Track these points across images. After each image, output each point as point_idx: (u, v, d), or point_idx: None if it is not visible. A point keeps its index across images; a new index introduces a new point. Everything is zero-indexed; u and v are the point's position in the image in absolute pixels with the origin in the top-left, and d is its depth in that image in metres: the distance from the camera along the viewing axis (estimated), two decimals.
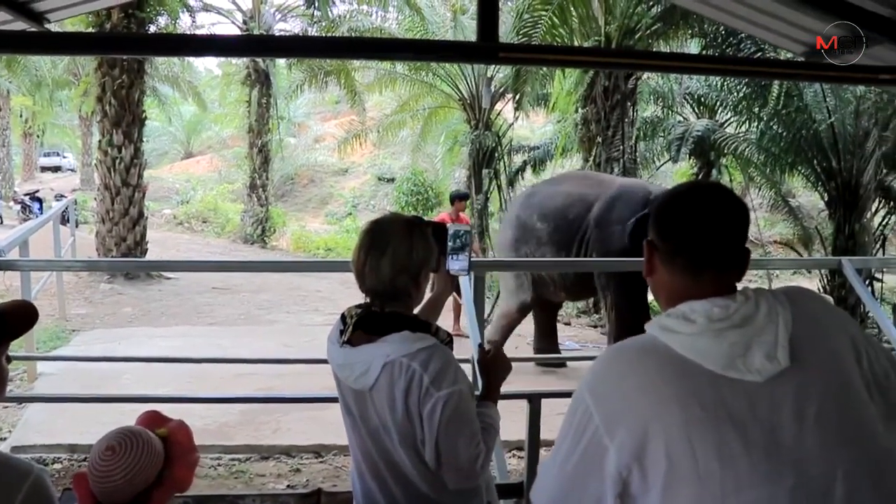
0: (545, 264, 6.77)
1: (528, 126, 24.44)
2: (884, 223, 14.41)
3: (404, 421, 1.72)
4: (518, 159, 19.81)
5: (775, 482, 1.08)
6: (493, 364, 1.99)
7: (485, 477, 1.87)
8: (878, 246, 14.11)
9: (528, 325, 8.28)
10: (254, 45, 5.72)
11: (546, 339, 7.66)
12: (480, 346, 2.08)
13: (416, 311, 2.08)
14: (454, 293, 8.03)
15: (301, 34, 16.95)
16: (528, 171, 19.40)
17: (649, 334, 1.24)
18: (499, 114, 19.16)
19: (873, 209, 13.70)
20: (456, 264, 2.06)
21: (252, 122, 18.35)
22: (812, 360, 1.17)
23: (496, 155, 18.56)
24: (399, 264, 1.80)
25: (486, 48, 3.67)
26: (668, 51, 11.21)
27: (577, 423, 1.21)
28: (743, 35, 11.24)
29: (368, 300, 1.87)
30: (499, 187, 18.59)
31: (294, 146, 26.40)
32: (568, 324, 10.97)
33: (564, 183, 7.88)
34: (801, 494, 1.09)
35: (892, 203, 14.35)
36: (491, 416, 1.89)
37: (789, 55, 5.42)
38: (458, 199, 8.85)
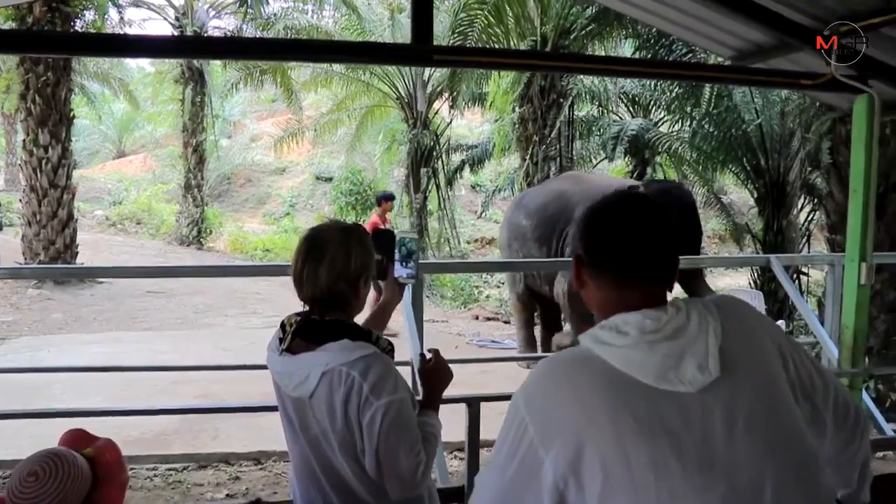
0: (484, 266, 6.94)
1: (466, 125, 24.54)
2: (809, 219, 14.94)
3: (344, 430, 1.71)
4: (456, 158, 19.86)
5: (708, 491, 1.10)
6: (434, 372, 1.99)
7: (427, 485, 1.87)
8: (804, 241, 14.63)
9: (473, 325, 8.31)
10: (183, 46, 5.56)
11: (547, 335, 7.91)
12: (421, 354, 2.06)
13: (364, 318, 2.08)
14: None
15: (234, 33, 16.64)
16: (467, 169, 19.51)
17: (584, 346, 1.24)
18: (436, 112, 19.18)
19: (799, 206, 14.15)
20: (404, 271, 2.07)
21: (186, 121, 17.94)
22: (741, 369, 1.19)
23: (434, 154, 18.58)
24: (337, 271, 1.79)
25: (420, 50, 3.68)
26: (602, 53, 11.38)
27: (512, 435, 1.21)
28: (675, 38, 11.56)
29: (307, 308, 1.86)
30: (437, 186, 18.64)
31: (230, 145, 25.89)
32: (507, 322, 11.08)
33: (553, 183, 8.39)
34: (733, 502, 1.11)
35: (815, 200, 14.90)
36: (432, 425, 1.88)
37: (719, 59, 5.59)
38: (384, 199, 8.96)
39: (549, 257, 7.17)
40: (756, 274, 12.93)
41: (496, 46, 11.10)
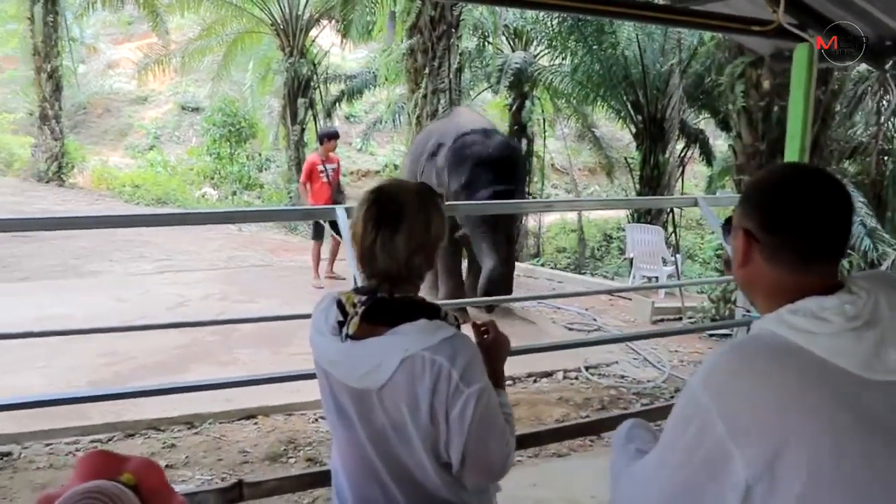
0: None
1: (340, 54, 23.76)
2: (682, 155, 15.61)
3: (427, 422, 1.52)
4: (334, 89, 19.27)
5: None
6: (495, 345, 1.79)
7: None
8: (678, 175, 15.31)
9: None
10: None
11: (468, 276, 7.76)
12: (475, 324, 1.82)
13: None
14: (333, 235, 8.04)
15: None
16: (344, 100, 18.99)
17: (774, 333, 1.15)
18: (314, 41, 18.44)
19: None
20: None
21: (38, 44, 16.19)
22: None
23: (312, 84, 17.94)
24: (416, 241, 1.56)
25: None
26: None
27: (694, 430, 1.12)
28: None
29: (371, 284, 1.61)
30: (314, 117, 18.07)
31: (84, 72, 23.81)
32: None
33: (441, 119, 8.40)
34: None
35: (688, 137, 15.59)
36: (507, 405, 1.71)
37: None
38: (327, 137, 8.53)
39: None
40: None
41: None
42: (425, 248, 1.59)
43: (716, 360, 1.17)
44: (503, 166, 6.42)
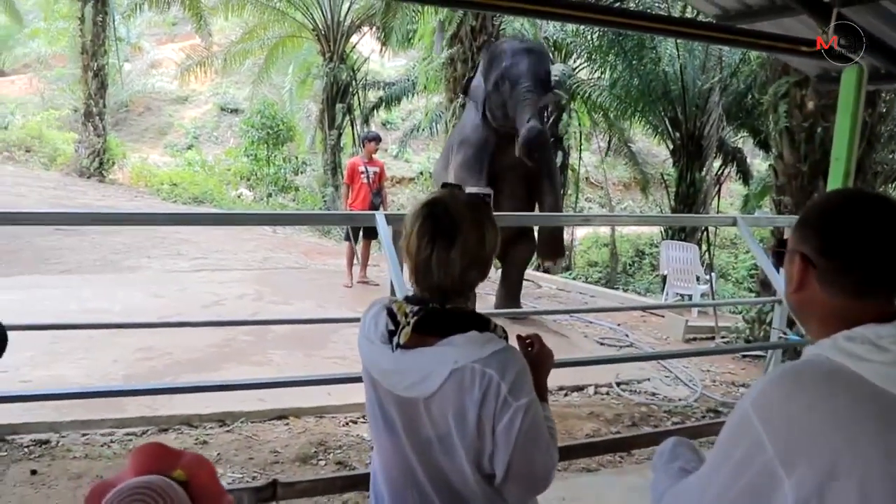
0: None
1: (379, 61, 23.94)
2: (718, 173, 15.45)
3: (474, 433, 1.52)
4: (372, 95, 19.39)
5: None
6: (540, 357, 1.79)
7: None
8: (714, 193, 15.15)
9: None
10: None
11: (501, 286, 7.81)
12: (519, 337, 1.81)
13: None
14: (364, 240, 8.21)
15: None
16: (382, 107, 19.10)
17: (829, 359, 1.14)
18: (354, 47, 18.57)
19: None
20: None
21: (86, 42, 16.53)
22: None
23: (350, 90, 18.08)
24: (471, 256, 1.55)
25: None
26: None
27: (742, 451, 1.11)
28: None
29: (423, 296, 1.61)
30: (352, 123, 18.19)
31: (128, 70, 24.23)
32: None
33: None
34: None
35: (725, 155, 15.44)
36: (551, 419, 1.71)
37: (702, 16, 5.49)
38: (368, 140, 8.72)
39: None
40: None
41: None
42: (479, 261, 1.58)
43: (768, 383, 1.16)
44: (538, 56, 7.02)
